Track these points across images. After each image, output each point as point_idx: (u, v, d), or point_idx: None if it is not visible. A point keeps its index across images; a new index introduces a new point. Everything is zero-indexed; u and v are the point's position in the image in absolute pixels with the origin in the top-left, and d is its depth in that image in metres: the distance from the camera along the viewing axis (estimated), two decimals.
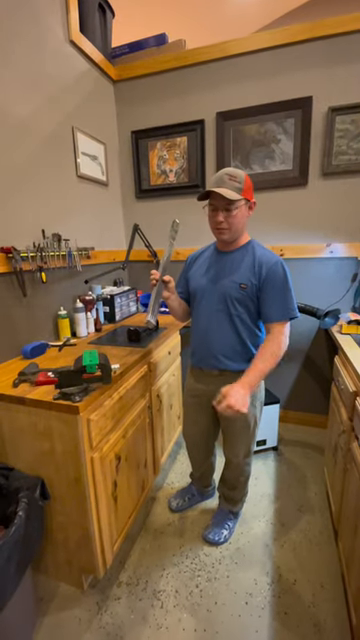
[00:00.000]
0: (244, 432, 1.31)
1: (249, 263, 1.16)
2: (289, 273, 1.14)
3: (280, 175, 1.94)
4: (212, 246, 1.32)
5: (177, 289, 1.44)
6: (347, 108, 1.75)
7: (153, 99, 2.10)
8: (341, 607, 1.16)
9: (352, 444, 1.15)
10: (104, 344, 1.58)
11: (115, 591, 1.24)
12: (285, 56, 1.81)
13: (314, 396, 2.22)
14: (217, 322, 1.21)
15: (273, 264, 1.13)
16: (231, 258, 1.20)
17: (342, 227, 1.93)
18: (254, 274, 1.14)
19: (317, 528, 1.49)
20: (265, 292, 1.14)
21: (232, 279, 1.17)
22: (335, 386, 1.52)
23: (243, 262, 1.18)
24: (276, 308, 1.13)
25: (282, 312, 1.13)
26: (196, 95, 2.01)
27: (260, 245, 1.21)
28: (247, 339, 1.21)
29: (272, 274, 1.12)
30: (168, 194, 2.21)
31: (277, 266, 1.13)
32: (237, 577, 1.28)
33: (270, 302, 1.14)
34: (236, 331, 1.20)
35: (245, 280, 1.15)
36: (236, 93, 1.93)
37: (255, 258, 1.16)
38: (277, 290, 1.12)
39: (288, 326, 1.15)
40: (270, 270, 1.13)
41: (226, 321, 1.20)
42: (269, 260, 1.14)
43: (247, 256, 1.18)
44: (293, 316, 1.14)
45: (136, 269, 2.42)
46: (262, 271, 1.13)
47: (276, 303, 1.13)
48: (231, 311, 1.19)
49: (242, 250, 1.20)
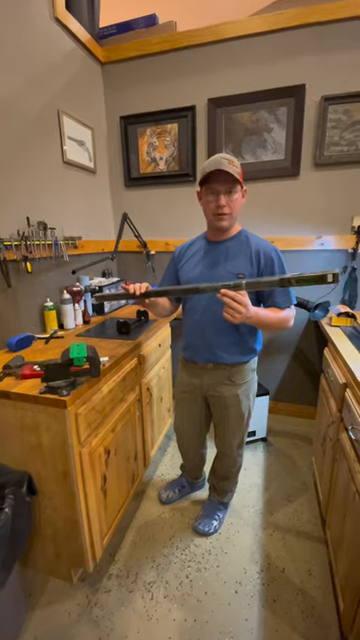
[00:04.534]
0: (238, 424, 1.31)
1: (245, 252, 1.14)
2: (284, 259, 1.14)
3: (272, 165, 1.91)
4: (201, 237, 1.28)
5: (162, 284, 1.41)
6: (340, 97, 1.73)
7: (143, 83, 2.03)
8: (328, 594, 1.18)
9: (341, 435, 1.16)
10: (93, 336, 1.55)
11: (105, 584, 1.24)
12: (278, 42, 1.76)
13: (303, 388, 2.25)
14: (213, 315, 1.18)
15: (270, 252, 1.12)
16: (225, 248, 1.18)
17: (333, 219, 1.92)
18: (251, 263, 1.13)
19: (305, 517, 1.51)
20: None
21: (228, 269, 1.14)
22: (324, 378, 1.53)
23: (239, 251, 1.15)
24: (280, 296, 1.13)
25: (287, 299, 1.13)
26: (187, 80, 1.95)
27: (252, 234, 1.19)
28: (244, 331, 1.20)
29: (270, 262, 1.12)
30: (158, 183, 2.16)
31: (274, 253, 1.12)
32: (227, 567, 1.29)
33: (273, 291, 1.13)
34: (235, 326, 1.17)
35: (242, 269, 1.13)
36: (228, 79, 1.88)
37: (251, 247, 1.14)
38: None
39: (292, 310, 1.15)
40: (268, 258, 1.12)
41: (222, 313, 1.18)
42: (266, 248, 1.13)
43: (242, 245, 1.16)
44: (294, 301, 1.15)
45: (125, 260, 2.38)
46: (260, 260, 1.12)
47: (279, 291, 1.12)
48: None
49: (235, 239, 1.18)
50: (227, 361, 1.22)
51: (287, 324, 1.15)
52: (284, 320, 1.13)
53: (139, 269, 2.37)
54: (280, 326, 1.14)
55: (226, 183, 1.05)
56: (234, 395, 1.26)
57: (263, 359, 2.26)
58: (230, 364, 1.23)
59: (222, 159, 1.05)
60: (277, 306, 1.14)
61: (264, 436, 2.03)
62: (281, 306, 1.14)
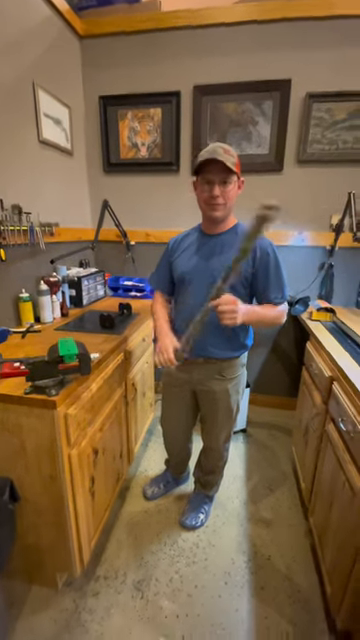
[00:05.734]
0: (227, 418, 1.31)
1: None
2: (278, 253, 1.13)
3: (256, 159, 1.91)
4: (196, 229, 1.25)
5: (154, 276, 1.37)
6: (324, 96, 1.75)
7: (125, 63, 1.91)
8: (312, 576, 1.24)
9: (328, 426, 1.20)
10: (73, 330, 1.46)
11: (93, 586, 1.20)
12: (266, 33, 1.74)
13: (280, 380, 2.32)
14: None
15: (266, 247, 1.11)
16: (220, 241, 1.15)
17: (313, 216, 1.97)
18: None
19: (286, 505, 1.57)
20: (259, 276, 1.12)
21: (223, 264, 1.10)
22: (307, 371, 1.58)
23: (234, 245, 1.13)
24: (274, 291, 1.12)
25: (280, 294, 1.13)
26: (172, 64, 1.87)
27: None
28: (237, 326, 1.18)
29: (266, 257, 1.10)
30: (139, 170, 2.07)
31: (270, 249, 1.11)
32: (215, 559, 1.31)
33: (267, 286, 1.12)
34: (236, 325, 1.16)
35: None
36: (215, 67, 1.83)
37: None
38: (272, 273, 1.11)
39: (284, 306, 1.16)
40: (264, 253, 1.10)
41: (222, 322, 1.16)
42: (262, 243, 1.11)
43: (237, 239, 1.13)
44: (287, 297, 1.15)
45: (103, 250, 2.27)
46: (255, 255, 1.10)
47: (272, 285, 1.12)
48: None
49: (231, 232, 1.16)
50: (218, 356, 1.21)
51: (280, 320, 1.16)
52: (278, 317, 1.14)
53: (118, 260, 2.29)
54: (274, 322, 1.15)
55: (220, 173, 1.03)
56: (224, 390, 1.26)
57: None
58: (221, 359, 1.22)
59: (218, 148, 1.02)
60: (271, 302, 1.14)
61: (244, 427, 2.08)
62: (275, 302, 1.14)
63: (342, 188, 1.84)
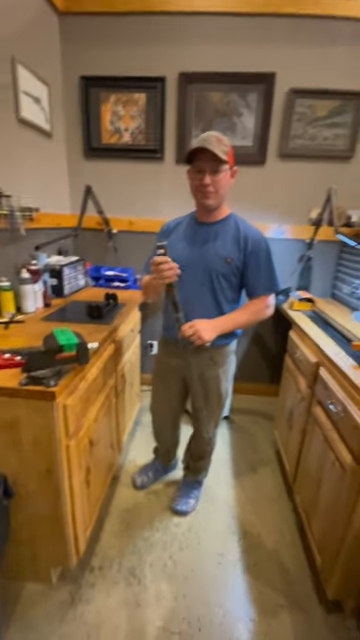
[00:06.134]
0: (217, 404, 1.34)
1: (234, 236, 1.14)
2: (270, 246, 1.16)
3: (241, 150, 1.92)
4: (189, 217, 1.25)
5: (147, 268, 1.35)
6: (306, 92, 1.80)
7: (108, 43, 1.84)
8: (299, 549, 1.32)
9: (314, 409, 1.27)
10: (59, 321, 1.41)
11: (88, 578, 1.19)
12: (253, 25, 1.75)
13: (260, 367, 2.40)
14: (199, 297, 1.17)
15: (258, 239, 1.13)
16: (214, 230, 1.16)
17: (293, 210, 2.04)
18: (239, 248, 1.13)
19: (270, 485, 1.64)
20: (250, 267, 1.14)
21: (217, 252, 1.13)
22: (290, 358, 1.65)
23: (227, 235, 1.15)
24: (262, 282, 1.15)
25: (268, 286, 1.16)
26: (158, 49, 1.82)
27: (242, 219, 1.20)
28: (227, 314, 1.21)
29: (257, 248, 1.13)
30: (123, 156, 2.02)
31: (262, 241, 1.14)
32: (207, 541, 1.34)
33: (256, 276, 1.15)
34: (219, 306, 1.18)
35: (230, 254, 1.13)
36: (201, 55, 1.81)
37: (240, 232, 1.14)
38: (262, 264, 1.14)
39: (272, 297, 1.19)
40: (255, 244, 1.12)
41: (209, 296, 1.17)
42: (254, 234, 1.13)
43: (231, 229, 1.15)
44: (277, 289, 1.18)
45: (83, 237, 2.19)
46: (248, 245, 1.12)
47: (262, 277, 1.14)
48: (215, 286, 1.16)
49: (224, 222, 1.17)
50: (213, 343, 1.23)
51: (265, 312, 1.18)
52: (256, 311, 1.16)
53: (99, 248, 2.22)
54: (258, 318, 1.18)
55: (211, 162, 1.03)
56: (215, 375, 1.29)
57: None
58: (214, 346, 1.23)
59: (211, 137, 1.03)
60: (258, 294, 1.17)
61: (227, 414, 2.13)
62: (258, 293, 1.16)
63: (321, 183, 1.92)
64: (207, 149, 1.00)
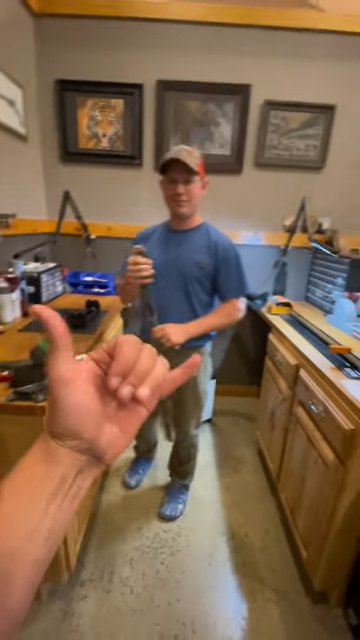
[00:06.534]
0: (196, 404, 1.39)
1: (205, 243, 1.21)
2: (239, 253, 1.24)
3: (218, 159, 1.98)
4: (163, 225, 1.31)
5: (123, 268, 1.37)
6: (280, 104, 1.88)
7: (84, 47, 1.82)
8: (284, 545, 1.38)
9: (296, 409, 1.33)
10: (40, 331, 1.38)
11: (79, 591, 1.17)
12: (229, 36, 1.80)
13: (240, 369, 2.46)
14: (175, 302, 1.23)
15: (228, 246, 1.21)
16: (187, 237, 1.23)
17: (269, 217, 2.12)
18: (210, 254, 1.20)
19: (254, 485, 1.70)
20: (221, 272, 1.21)
21: (190, 258, 1.20)
22: (270, 360, 1.71)
23: (199, 242, 1.22)
24: (232, 286, 1.23)
25: (238, 290, 1.24)
26: (135, 55, 1.83)
27: (213, 227, 1.27)
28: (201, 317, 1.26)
29: (227, 255, 1.20)
30: (101, 161, 2.00)
31: (231, 248, 1.22)
32: (197, 544, 1.37)
33: (226, 281, 1.22)
34: (192, 309, 1.25)
35: (202, 259, 1.20)
36: (179, 63, 1.84)
37: (211, 239, 1.22)
38: (232, 269, 1.22)
39: (242, 300, 1.26)
40: (225, 251, 1.20)
41: (184, 301, 1.24)
42: (224, 242, 1.21)
43: (202, 236, 1.23)
44: (246, 292, 1.26)
45: (61, 243, 2.14)
46: (218, 252, 1.20)
47: (232, 282, 1.22)
48: (189, 290, 1.22)
49: (197, 230, 1.24)
50: (187, 344, 1.25)
51: (236, 315, 1.25)
52: (226, 314, 1.24)
53: (77, 254, 2.19)
54: (230, 320, 1.24)
55: (184, 172, 1.10)
56: (193, 377, 1.32)
57: None
58: (191, 347, 1.28)
59: (182, 149, 1.10)
60: (229, 297, 1.24)
61: (210, 417, 2.17)
62: (229, 297, 1.24)
63: (294, 192, 2.02)
64: (180, 160, 1.07)
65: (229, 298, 1.24)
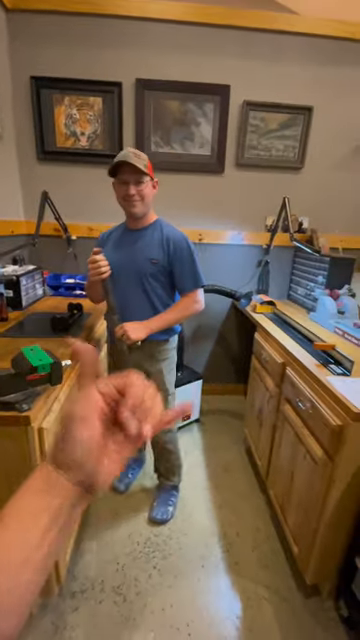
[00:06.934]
0: (164, 397, 1.37)
1: (158, 239, 1.24)
2: (193, 246, 1.26)
3: (199, 159, 1.98)
4: (122, 225, 1.34)
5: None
6: (258, 105, 1.90)
7: (60, 44, 1.76)
8: (275, 541, 1.39)
9: (283, 406, 1.35)
10: (20, 336, 1.33)
11: (70, 603, 1.14)
12: (207, 37, 1.80)
13: (226, 368, 2.48)
14: (134, 299, 1.26)
15: (180, 240, 1.24)
16: (141, 235, 1.26)
17: (251, 217, 2.13)
18: (163, 249, 1.23)
19: (243, 483, 1.71)
20: (176, 266, 1.25)
21: (144, 255, 1.23)
22: (256, 359, 1.73)
23: (153, 238, 1.25)
24: (187, 280, 1.26)
25: (193, 282, 1.26)
26: (114, 53, 1.80)
27: (167, 223, 1.29)
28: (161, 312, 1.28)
29: (179, 249, 1.23)
30: (80, 160, 1.95)
31: (183, 241, 1.24)
32: (189, 546, 1.36)
33: (181, 275, 1.25)
34: (153, 305, 1.27)
35: (155, 255, 1.23)
36: (158, 62, 1.82)
37: (163, 234, 1.24)
38: (185, 263, 1.24)
39: (199, 292, 1.28)
40: (177, 245, 1.23)
41: (142, 297, 1.26)
42: (175, 236, 1.24)
43: (156, 232, 1.25)
44: (202, 284, 1.28)
45: (40, 245, 2.07)
46: (170, 246, 1.23)
47: (186, 275, 1.25)
48: (146, 286, 1.25)
49: (151, 227, 1.27)
50: (150, 338, 1.27)
51: (192, 308, 1.27)
52: (184, 307, 1.27)
53: (57, 256, 2.13)
54: (186, 313, 1.27)
55: (134, 174, 1.13)
56: (159, 370, 1.36)
57: (191, 346, 2.38)
58: (155, 341, 1.31)
59: (129, 152, 1.14)
60: (185, 290, 1.27)
61: (197, 417, 2.17)
62: (186, 290, 1.27)
63: (275, 192, 2.04)
64: (129, 163, 1.10)
65: (186, 291, 1.27)
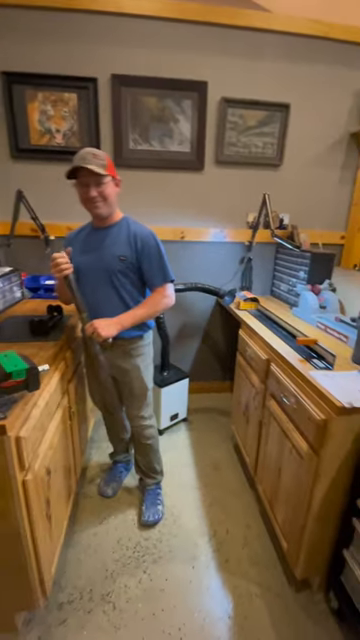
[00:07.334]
0: (142, 392, 1.41)
1: (125, 236, 1.23)
2: (160, 242, 1.25)
3: (179, 156, 1.95)
4: (89, 225, 1.32)
5: None
6: (236, 102, 1.89)
7: (32, 39, 1.70)
8: (265, 537, 1.39)
9: (268, 402, 1.35)
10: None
11: (57, 615, 1.10)
12: (184, 33, 1.77)
13: (212, 365, 2.47)
14: (104, 296, 1.25)
15: (146, 236, 1.23)
16: (109, 233, 1.24)
17: (232, 214, 2.13)
18: (130, 246, 1.22)
19: (233, 480, 1.71)
20: (144, 262, 1.24)
21: (111, 252, 1.22)
22: (241, 356, 1.72)
23: (120, 236, 1.23)
24: (156, 275, 1.25)
25: (162, 277, 1.26)
26: (88, 48, 1.74)
27: (133, 220, 1.28)
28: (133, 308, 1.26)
29: (147, 245, 1.22)
30: (56, 158, 1.89)
31: (150, 238, 1.23)
32: (179, 548, 1.34)
33: (150, 271, 1.25)
34: (123, 302, 1.26)
35: (123, 252, 1.21)
36: (134, 58, 1.78)
37: (130, 231, 1.23)
38: (154, 259, 1.23)
39: (169, 287, 1.27)
40: (144, 242, 1.22)
41: (112, 293, 1.25)
42: (143, 232, 1.23)
43: (123, 230, 1.24)
44: (170, 279, 1.27)
45: (17, 246, 2.01)
46: (137, 243, 1.22)
47: (154, 270, 1.24)
48: (115, 283, 1.24)
49: (118, 225, 1.25)
50: (123, 335, 1.26)
51: (162, 303, 1.26)
52: (155, 303, 1.26)
53: (36, 257, 2.07)
54: (156, 308, 1.26)
55: (94, 175, 1.11)
56: (135, 366, 1.35)
57: (177, 345, 2.36)
58: (127, 338, 1.30)
59: (87, 154, 1.12)
60: (155, 285, 1.26)
61: (185, 416, 2.16)
62: (155, 285, 1.26)
63: (255, 189, 2.05)
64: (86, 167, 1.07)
65: (156, 287, 1.26)
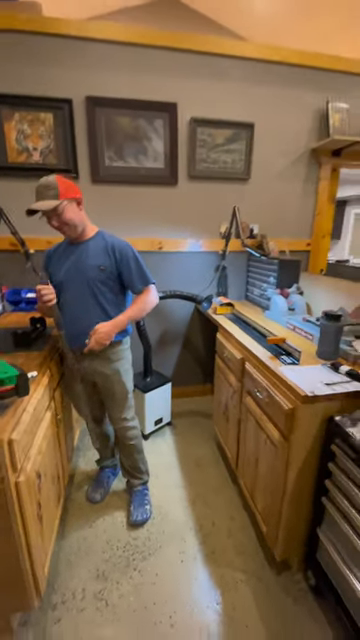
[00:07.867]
0: (124, 395, 1.47)
1: (102, 248, 1.31)
2: (136, 251, 1.35)
3: (154, 172, 2.07)
4: (65, 241, 1.39)
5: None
6: (205, 121, 2.03)
7: (8, 61, 1.78)
8: (249, 527, 1.48)
9: (245, 399, 1.45)
10: None
11: (52, 615, 1.13)
12: (151, 57, 1.90)
13: (193, 369, 2.56)
14: (85, 306, 1.31)
15: (124, 246, 1.33)
16: (85, 247, 1.32)
17: (206, 225, 2.26)
18: (109, 257, 1.30)
19: (215, 476, 1.79)
20: (124, 271, 1.32)
21: (91, 263, 1.29)
22: (219, 358, 1.83)
23: (98, 248, 1.31)
24: (138, 281, 1.34)
25: (143, 282, 1.35)
26: (62, 71, 1.84)
27: (109, 234, 1.37)
28: (113, 316, 1.34)
29: (125, 256, 1.32)
30: (34, 175, 1.94)
31: (127, 248, 1.33)
32: (168, 544, 1.40)
33: (131, 278, 1.34)
34: (104, 310, 1.33)
35: (102, 262, 1.30)
36: (106, 81, 1.89)
37: (107, 243, 1.32)
38: (133, 267, 1.33)
39: (152, 287, 1.38)
40: (122, 252, 1.31)
41: (93, 303, 1.32)
42: (120, 244, 1.33)
43: (100, 242, 1.32)
44: (151, 282, 1.37)
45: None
46: (116, 253, 1.31)
47: (135, 278, 1.34)
48: (96, 292, 1.31)
49: (94, 239, 1.34)
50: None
51: (149, 301, 1.36)
52: (143, 301, 1.35)
53: (15, 271, 2.10)
54: (145, 305, 1.35)
55: (48, 210, 1.18)
56: (115, 371, 1.42)
57: (158, 351, 2.44)
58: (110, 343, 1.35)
59: (40, 187, 1.19)
60: (137, 290, 1.36)
61: (169, 420, 2.23)
62: (139, 290, 1.35)
63: (226, 201, 2.19)
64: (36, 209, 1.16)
65: (139, 290, 1.35)
